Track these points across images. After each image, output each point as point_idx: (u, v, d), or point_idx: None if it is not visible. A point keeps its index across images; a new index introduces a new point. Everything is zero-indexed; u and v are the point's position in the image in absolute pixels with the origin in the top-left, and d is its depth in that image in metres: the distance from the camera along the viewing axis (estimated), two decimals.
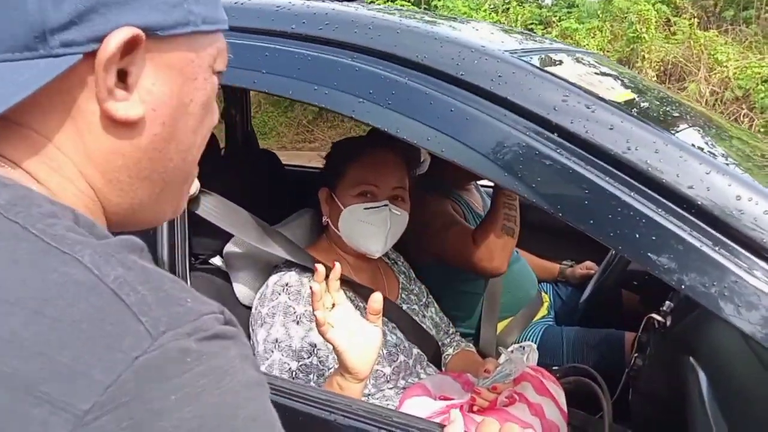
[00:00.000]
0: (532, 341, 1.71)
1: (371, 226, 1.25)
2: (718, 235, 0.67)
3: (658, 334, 1.36)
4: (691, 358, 1.15)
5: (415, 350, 1.30)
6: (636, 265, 1.60)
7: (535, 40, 1.14)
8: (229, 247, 1.28)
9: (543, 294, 1.95)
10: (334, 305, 0.97)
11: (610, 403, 1.16)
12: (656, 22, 8.78)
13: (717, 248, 0.67)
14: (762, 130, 6.69)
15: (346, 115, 0.86)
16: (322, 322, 0.93)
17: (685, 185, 0.68)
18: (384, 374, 1.21)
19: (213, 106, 0.51)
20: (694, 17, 8.77)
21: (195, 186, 1.08)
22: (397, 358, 1.23)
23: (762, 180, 0.73)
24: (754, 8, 8.70)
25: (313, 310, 0.93)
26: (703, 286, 0.66)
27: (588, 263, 2.02)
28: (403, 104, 0.82)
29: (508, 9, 9.68)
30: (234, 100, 2.19)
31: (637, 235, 0.68)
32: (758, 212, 0.67)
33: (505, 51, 0.85)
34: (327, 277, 0.96)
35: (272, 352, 1.13)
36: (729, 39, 8.71)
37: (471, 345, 1.50)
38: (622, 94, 0.83)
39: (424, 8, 8.43)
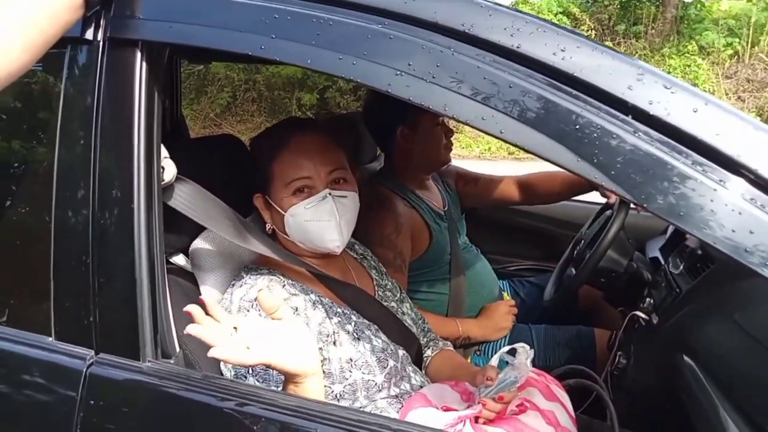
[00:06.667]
0: (501, 341, 1.66)
1: (320, 222, 1.10)
2: None
3: (642, 332, 1.34)
4: (685, 356, 1.14)
5: (401, 351, 1.20)
6: (606, 263, 1.59)
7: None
8: (198, 244, 1.11)
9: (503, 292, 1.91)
10: (236, 329, 0.80)
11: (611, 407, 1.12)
12: None
13: None
14: None
15: (382, 90, 0.74)
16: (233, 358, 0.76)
17: None
18: (376, 383, 1.09)
19: None
20: (592, 29, 9.34)
21: (171, 172, 0.91)
22: (387, 364, 1.12)
23: None
24: (642, 24, 9.41)
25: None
26: None
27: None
28: (448, 79, 0.72)
29: None
30: (164, 86, 1.98)
31: (733, 230, 0.62)
32: None
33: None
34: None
35: (245, 377, 0.99)
36: (622, 51, 9.33)
37: (449, 343, 1.41)
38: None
39: None
